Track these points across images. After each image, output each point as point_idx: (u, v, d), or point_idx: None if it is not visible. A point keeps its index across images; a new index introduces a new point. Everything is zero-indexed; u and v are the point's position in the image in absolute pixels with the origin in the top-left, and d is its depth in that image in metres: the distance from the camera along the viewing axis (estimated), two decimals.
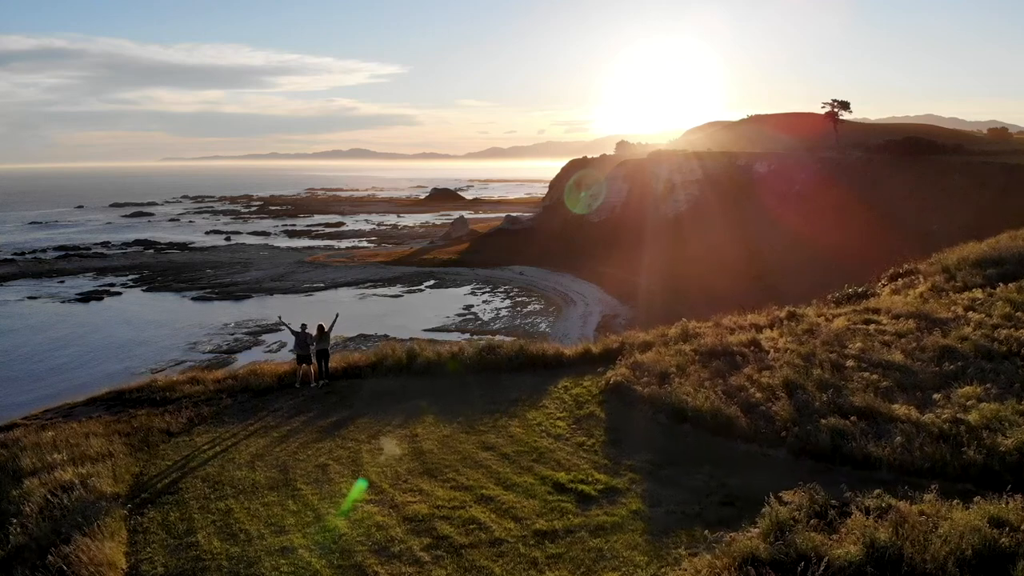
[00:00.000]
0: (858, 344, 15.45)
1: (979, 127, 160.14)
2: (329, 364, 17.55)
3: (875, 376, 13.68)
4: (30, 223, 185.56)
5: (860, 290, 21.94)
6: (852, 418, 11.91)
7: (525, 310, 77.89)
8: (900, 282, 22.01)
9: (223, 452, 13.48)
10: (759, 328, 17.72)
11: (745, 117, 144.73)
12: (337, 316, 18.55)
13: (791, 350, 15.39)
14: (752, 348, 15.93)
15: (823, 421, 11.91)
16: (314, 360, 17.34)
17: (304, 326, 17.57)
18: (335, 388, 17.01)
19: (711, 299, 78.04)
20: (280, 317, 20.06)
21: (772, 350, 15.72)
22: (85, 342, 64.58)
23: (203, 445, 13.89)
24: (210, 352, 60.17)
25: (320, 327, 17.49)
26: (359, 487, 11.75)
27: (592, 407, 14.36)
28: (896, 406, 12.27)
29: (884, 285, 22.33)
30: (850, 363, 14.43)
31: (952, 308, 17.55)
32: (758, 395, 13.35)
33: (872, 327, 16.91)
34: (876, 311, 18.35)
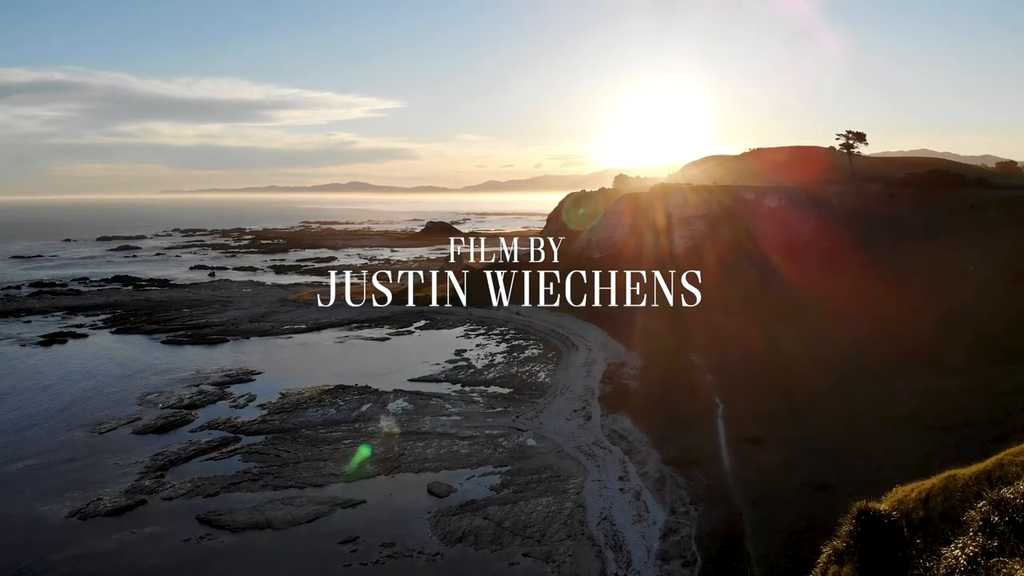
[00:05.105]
0: None
1: (976, 161, 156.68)
2: None
3: None
4: (12, 257, 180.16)
5: None
6: None
7: (522, 356, 72.02)
8: None
9: None
10: None
11: (747, 151, 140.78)
12: None
13: None
14: None
15: None
16: None
17: None
18: None
19: (719, 339, 72.78)
20: None
21: None
22: (29, 397, 58.30)
23: None
24: (170, 407, 53.98)
25: None
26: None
27: None
28: None
29: None
30: None
31: None
32: None
33: None
34: None
